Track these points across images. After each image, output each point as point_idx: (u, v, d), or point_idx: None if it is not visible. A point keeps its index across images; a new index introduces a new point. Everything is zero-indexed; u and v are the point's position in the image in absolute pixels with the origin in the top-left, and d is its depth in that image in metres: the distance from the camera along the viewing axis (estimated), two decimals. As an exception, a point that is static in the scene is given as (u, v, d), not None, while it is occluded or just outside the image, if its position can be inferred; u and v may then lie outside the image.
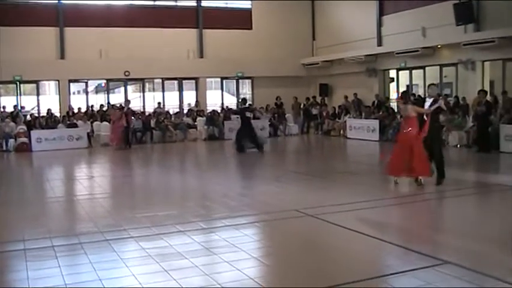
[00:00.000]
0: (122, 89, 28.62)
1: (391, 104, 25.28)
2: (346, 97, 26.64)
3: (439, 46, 22.23)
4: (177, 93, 29.32)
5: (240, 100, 20.76)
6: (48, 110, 24.78)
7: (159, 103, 27.18)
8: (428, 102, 11.49)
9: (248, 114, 19.69)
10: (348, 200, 10.10)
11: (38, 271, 6.33)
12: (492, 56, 20.24)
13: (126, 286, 5.79)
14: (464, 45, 20.32)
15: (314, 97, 28.40)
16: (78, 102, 26.69)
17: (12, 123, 22.48)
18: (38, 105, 26.38)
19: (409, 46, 22.86)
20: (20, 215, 9.63)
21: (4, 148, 21.83)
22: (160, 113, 25.45)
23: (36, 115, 24.80)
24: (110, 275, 6.11)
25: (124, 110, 22.01)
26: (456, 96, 21.45)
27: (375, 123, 22.56)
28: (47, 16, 25.65)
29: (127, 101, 23.33)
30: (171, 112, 26.21)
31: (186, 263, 6.45)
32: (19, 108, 25.39)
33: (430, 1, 22.53)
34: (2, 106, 24.88)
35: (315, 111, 27.21)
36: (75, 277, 6.13)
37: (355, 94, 26.27)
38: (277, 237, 8.01)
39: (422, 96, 23.50)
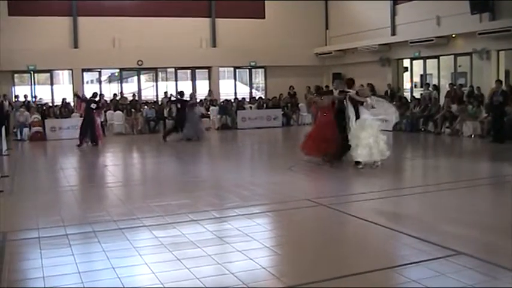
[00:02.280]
0: (135, 78, 28.67)
1: (404, 93, 25.20)
2: (362, 86, 26.43)
3: (453, 35, 22.02)
4: (190, 82, 29.30)
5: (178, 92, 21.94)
6: (63, 99, 24.90)
7: (165, 93, 27.10)
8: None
9: (179, 105, 20.62)
10: (360, 189, 10.10)
11: (52, 259, 6.38)
12: (507, 46, 19.98)
13: (139, 274, 5.84)
14: (479, 34, 20.11)
15: (327, 86, 28.27)
16: (91, 92, 26.66)
17: (26, 113, 22.65)
18: (52, 95, 26.42)
19: (423, 35, 22.64)
20: (34, 204, 9.71)
21: (19, 137, 22.02)
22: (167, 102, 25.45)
23: (50, 104, 24.92)
24: (123, 263, 6.15)
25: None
26: (471, 86, 21.29)
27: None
28: (61, 5, 25.66)
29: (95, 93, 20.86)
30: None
31: (198, 252, 6.47)
32: (32, 98, 25.57)
33: (445, -11, 22.33)
34: (15, 95, 25.08)
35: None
36: (89, 265, 6.18)
37: (369, 84, 26.13)
38: (289, 227, 8.01)
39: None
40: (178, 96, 21.06)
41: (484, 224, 7.57)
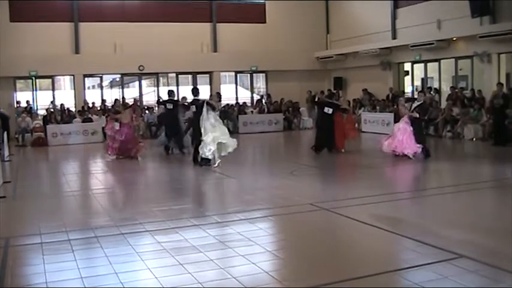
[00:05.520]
0: (137, 83, 28.70)
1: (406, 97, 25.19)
2: (364, 90, 26.50)
3: (454, 39, 22.04)
4: (191, 87, 29.26)
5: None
6: (61, 105, 24.93)
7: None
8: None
9: (170, 106, 18.08)
10: (362, 193, 10.08)
11: (54, 264, 6.40)
12: (508, 49, 19.97)
13: (142, 279, 5.84)
14: (480, 37, 20.12)
15: (329, 90, 28.28)
16: (93, 97, 26.80)
17: (28, 118, 22.72)
18: (54, 101, 26.38)
19: (424, 39, 22.67)
20: (36, 209, 9.73)
21: (20, 143, 22.07)
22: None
23: (52, 110, 24.95)
24: (125, 269, 6.16)
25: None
26: (472, 89, 21.30)
27: (389, 117, 22.44)
28: (62, 11, 25.74)
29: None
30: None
31: (200, 257, 6.48)
32: (32, 103, 25.64)
33: (445, -7, 22.35)
34: (17, 101, 25.14)
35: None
36: (91, 270, 6.19)
37: (365, 89, 26.23)
38: (291, 231, 8.02)
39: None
40: (168, 97, 18.43)
41: (486, 227, 7.58)
